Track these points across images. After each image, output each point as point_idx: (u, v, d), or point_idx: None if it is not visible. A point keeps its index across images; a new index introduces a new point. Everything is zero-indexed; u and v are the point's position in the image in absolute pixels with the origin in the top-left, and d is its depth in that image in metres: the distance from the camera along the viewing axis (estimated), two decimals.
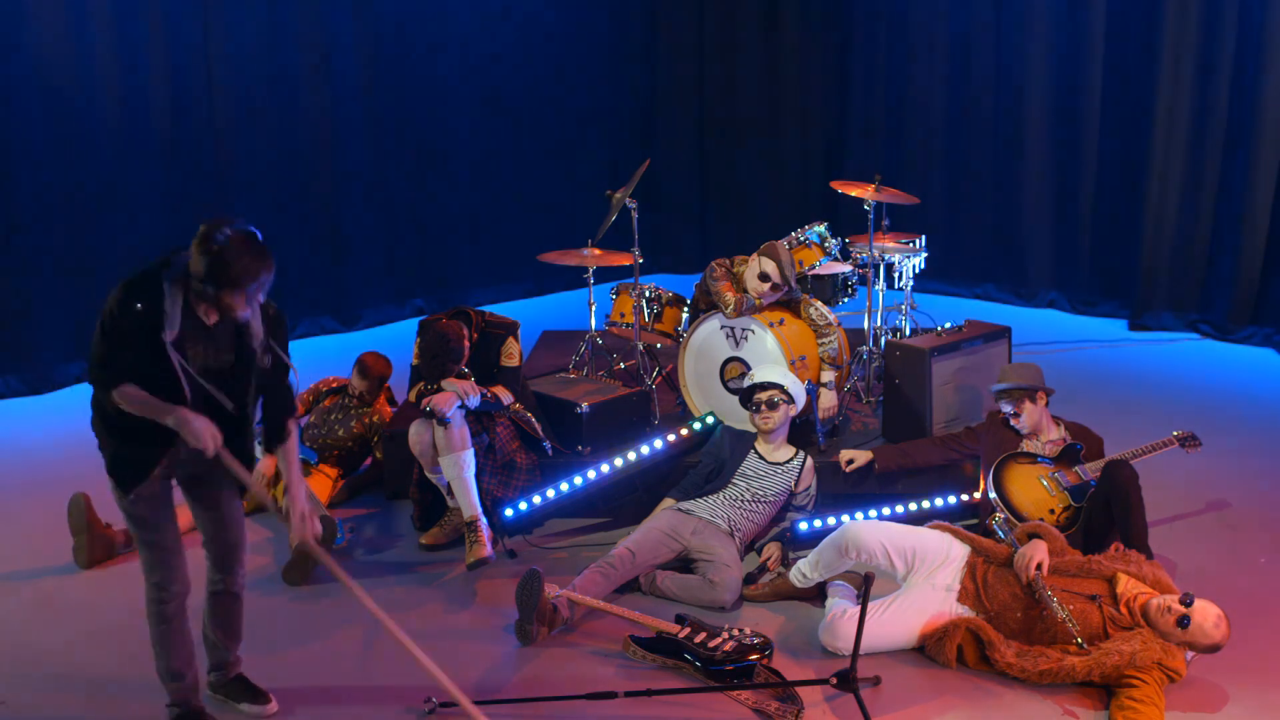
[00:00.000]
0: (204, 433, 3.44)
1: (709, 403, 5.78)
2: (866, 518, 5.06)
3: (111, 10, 7.31)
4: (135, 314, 3.37)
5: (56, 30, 7.13)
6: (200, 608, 3.91)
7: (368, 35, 8.52)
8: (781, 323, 5.62)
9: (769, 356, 5.55)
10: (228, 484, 3.75)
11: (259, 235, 3.39)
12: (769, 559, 4.90)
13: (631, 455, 5.34)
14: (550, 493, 5.21)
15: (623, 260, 6.22)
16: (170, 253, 3.45)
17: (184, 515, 5.23)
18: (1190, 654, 4.02)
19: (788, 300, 5.79)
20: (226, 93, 7.90)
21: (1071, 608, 4.11)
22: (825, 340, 5.73)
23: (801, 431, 5.43)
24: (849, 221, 7.51)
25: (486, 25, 9.07)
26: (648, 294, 6.10)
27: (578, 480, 5.25)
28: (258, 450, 4.38)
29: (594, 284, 6.48)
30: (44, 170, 7.20)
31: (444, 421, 4.95)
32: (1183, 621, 3.95)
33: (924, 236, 6.91)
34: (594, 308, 6.49)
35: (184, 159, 7.81)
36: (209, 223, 3.34)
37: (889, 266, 6.76)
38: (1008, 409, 5.01)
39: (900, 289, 6.86)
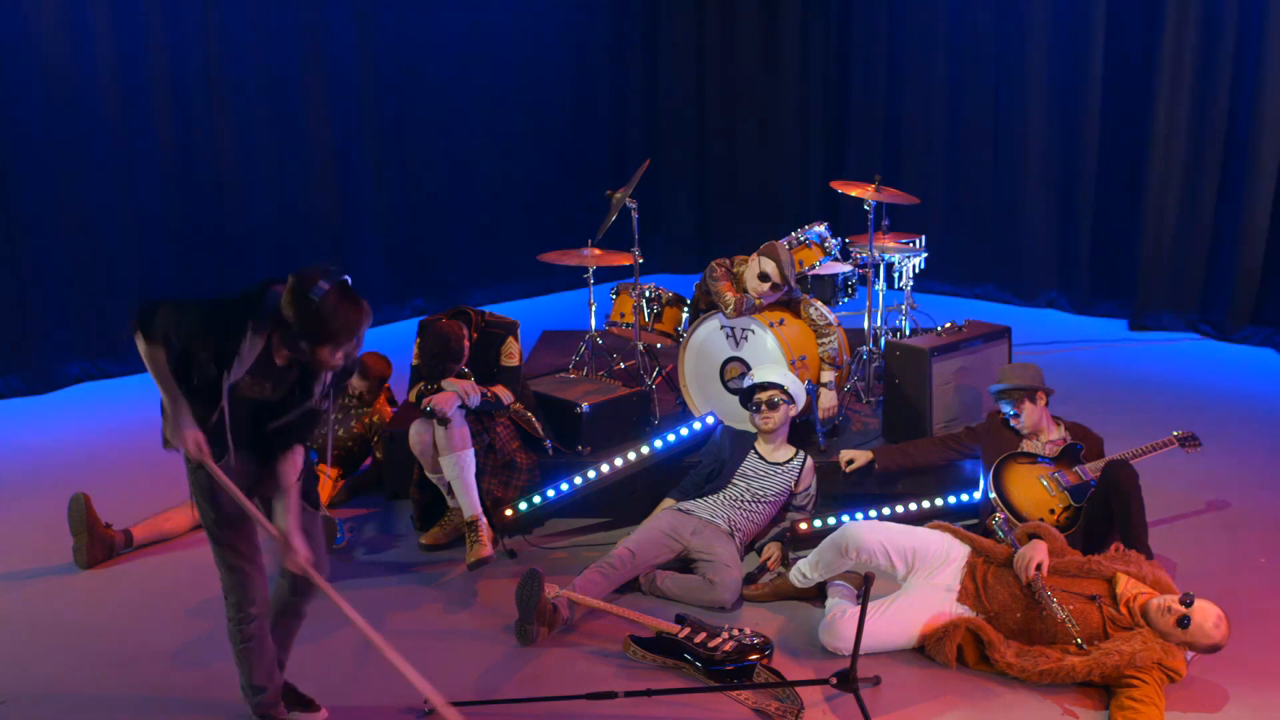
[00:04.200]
0: (190, 437, 3.37)
1: (709, 403, 5.78)
2: (866, 518, 5.06)
3: (111, 16, 7.31)
4: (207, 346, 3.30)
5: (60, 35, 7.13)
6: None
7: (367, 36, 8.52)
8: (781, 323, 5.62)
9: (769, 356, 5.55)
10: (308, 505, 3.65)
11: (350, 283, 3.26)
12: (769, 559, 4.90)
13: (631, 455, 5.35)
14: (550, 493, 5.22)
15: (623, 260, 6.22)
16: (260, 287, 3.33)
17: (183, 515, 5.28)
18: (1190, 654, 4.02)
19: (788, 300, 5.79)
20: (226, 96, 7.90)
21: (1071, 608, 4.12)
22: (825, 340, 5.73)
23: (801, 431, 5.43)
24: (849, 221, 7.52)
25: (486, 26, 9.07)
26: (648, 294, 6.10)
27: (578, 480, 5.25)
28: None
29: (594, 284, 6.48)
30: (45, 172, 7.20)
31: (444, 421, 4.95)
32: (1183, 621, 3.95)
33: (924, 236, 6.91)
34: (594, 308, 6.49)
35: (183, 162, 7.81)
36: (303, 273, 3.20)
37: (889, 266, 6.76)
38: (1007, 409, 5.01)
39: (900, 289, 6.86)
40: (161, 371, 3.37)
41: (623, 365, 6.46)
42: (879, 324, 6.53)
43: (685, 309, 6.09)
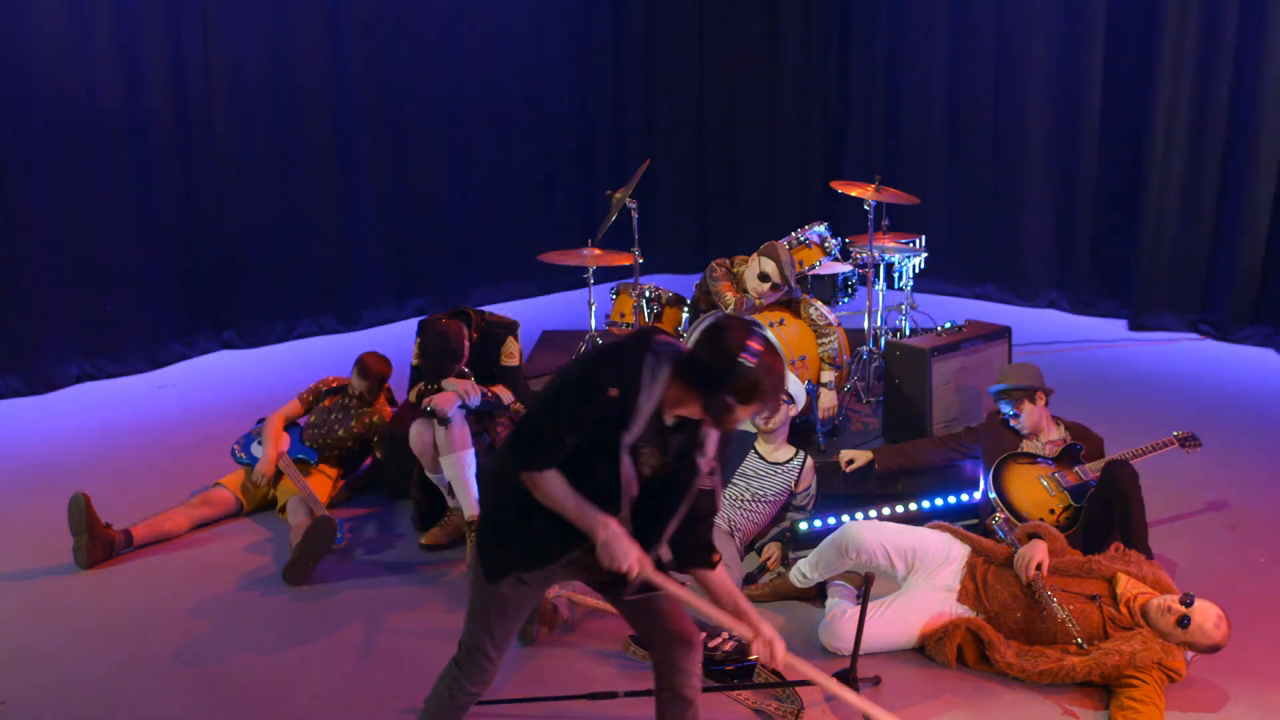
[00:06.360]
0: (631, 555, 3.01)
1: None
2: (866, 518, 5.06)
3: (112, 17, 7.32)
4: (605, 400, 2.93)
5: (60, 33, 7.13)
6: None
7: (369, 35, 8.51)
8: (781, 323, 5.62)
9: None
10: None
11: (769, 337, 3.01)
12: (769, 559, 4.90)
13: None
14: None
15: (623, 260, 6.23)
16: (646, 334, 3.04)
17: (183, 515, 5.28)
18: (1190, 654, 4.02)
19: (788, 300, 5.79)
20: (227, 93, 7.90)
21: (1071, 608, 4.12)
22: (825, 340, 5.73)
23: (801, 431, 5.43)
24: (849, 221, 7.52)
25: (487, 25, 9.07)
26: (648, 294, 6.10)
27: None
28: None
29: (594, 284, 6.48)
30: (46, 170, 7.20)
31: (445, 421, 4.95)
32: (1183, 621, 3.95)
33: (924, 236, 6.91)
34: (594, 308, 6.49)
35: (185, 159, 7.81)
36: (727, 330, 2.94)
37: (889, 266, 6.76)
38: (1007, 410, 5.01)
39: (900, 289, 6.86)
40: (563, 494, 2.99)
41: None
42: (879, 324, 6.53)
43: (685, 309, 6.10)
